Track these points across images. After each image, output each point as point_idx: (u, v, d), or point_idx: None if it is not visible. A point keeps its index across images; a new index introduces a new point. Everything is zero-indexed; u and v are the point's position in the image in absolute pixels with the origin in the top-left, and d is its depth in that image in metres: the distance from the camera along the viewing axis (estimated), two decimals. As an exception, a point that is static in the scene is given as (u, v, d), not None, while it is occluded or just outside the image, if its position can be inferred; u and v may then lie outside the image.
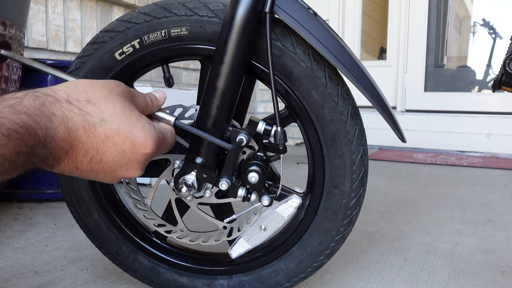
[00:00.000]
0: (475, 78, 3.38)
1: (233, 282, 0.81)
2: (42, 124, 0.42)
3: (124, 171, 0.51)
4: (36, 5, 1.86)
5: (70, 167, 0.47)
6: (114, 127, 0.48)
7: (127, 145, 0.49)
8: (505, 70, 0.83)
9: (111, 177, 0.52)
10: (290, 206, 0.74)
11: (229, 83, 0.67)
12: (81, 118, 0.46)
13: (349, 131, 0.71)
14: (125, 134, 0.49)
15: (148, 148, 0.51)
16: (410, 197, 1.74)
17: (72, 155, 0.46)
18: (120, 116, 0.49)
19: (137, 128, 0.50)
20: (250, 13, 0.64)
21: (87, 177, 0.51)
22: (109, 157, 0.48)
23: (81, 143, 0.46)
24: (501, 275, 0.98)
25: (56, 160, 0.45)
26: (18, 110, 0.41)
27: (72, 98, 0.47)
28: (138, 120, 0.51)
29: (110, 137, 0.48)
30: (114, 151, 0.48)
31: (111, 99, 0.49)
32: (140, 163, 0.52)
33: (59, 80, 1.54)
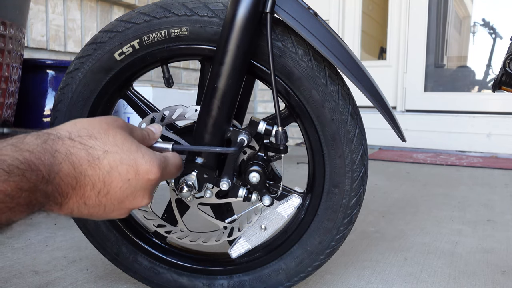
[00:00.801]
0: (475, 78, 3.38)
1: (233, 282, 0.81)
2: (45, 161, 0.42)
3: (131, 201, 0.51)
4: (36, 5, 1.86)
5: (79, 204, 0.47)
6: (117, 157, 0.49)
7: (131, 173, 0.50)
8: (505, 70, 0.83)
9: (119, 210, 0.52)
10: (291, 206, 0.74)
11: (229, 83, 0.67)
12: (85, 152, 0.47)
13: (350, 130, 0.71)
14: (128, 163, 0.49)
15: (152, 174, 0.52)
16: (410, 197, 1.74)
17: (80, 190, 0.46)
18: (122, 147, 0.50)
19: (138, 156, 0.51)
20: (251, 13, 0.64)
21: (96, 215, 0.50)
22: (116, 188, 0.49)
23: (87, 177, 0.46)
24: (501, 275, 0.98)
25: (63, 197, 0.45)
26: (20, 147, 0.41)
27: (74, 135, 0.47)
28: (139, 149, 0.52)
29: (114, 168, 0.48)
30: (120, 181, 0.49)
31: (110, 132, 0.50)
32: (146, 190, 0.52)
33: (59, 79, 1.54)
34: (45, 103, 1.47)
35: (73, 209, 0.47)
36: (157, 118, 0.74)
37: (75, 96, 0.77)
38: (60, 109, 0.78)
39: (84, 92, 0.76)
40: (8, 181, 0.38)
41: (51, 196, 0.43)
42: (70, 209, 0.47)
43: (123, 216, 0.53)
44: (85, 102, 0.77)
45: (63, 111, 0.78)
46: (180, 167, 0.61)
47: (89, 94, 0.76)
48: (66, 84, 0.77)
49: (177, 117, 0.73)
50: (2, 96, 1.09)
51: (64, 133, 0.47)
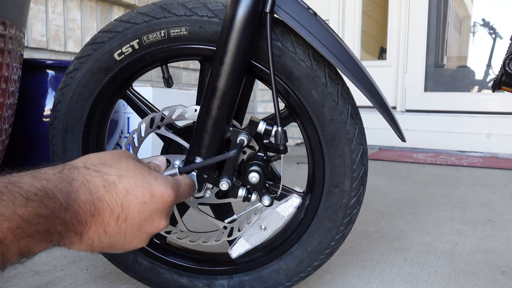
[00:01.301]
0: (475, 78, 3.38)
1: (233, 282, 0.81)
2: (63, 188, 0.43)
3: (150, 225, 0.52)
4: (36, 5, 1.86)
5: (99, 232, 0.47)
6: (132, 181, 0.50)
7: (147, 196, 0.51)
8: (505, 70, 0.83)
9: (139, 236, 0.52)
10: (290, 206, 0.74)
11: (229, 84, 0.67)
12: (101, 179, 0.48)
13: (349, 130, 0.71)
14: (143, 185, 0.51)
15: (167, 195, 0.53)
16: (410, 197, 1.74)
17: (99, 217, 0.47)
18: (134, 171, 0.51)
19: (151, 179, 0.52)
20: (251, 13, 0.64)
21: (118, 244, 0.51)
22: (134, 212, 0.50)
23: (105, 202, 0.47)
24: (501, 275, 0.98)
25: (83, 225, 0.45)
26: (37, 176, 0.42)
27: (88, 165, 0.49)
28: (151, 173, 0.53)
29: (130, 191, 0.49)
30: (137, 204, 0.50)
31: (122, 160, 0.52)
32: (163, 212, 0.53)
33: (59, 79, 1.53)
34: (45, 103, 1.47)
35: (93, 239, 0.47)
36: (156, 118, 0.74)
37: (74, 96, 0.77)
38: (59, 109, 0.78)
39: (83, 92, 0.76)
40: (26, 207, 0.38)
41: (70, 225, 0.43)
42: (90, 239, 0.47)
43: (143, 244, 0.54)
44: (85, 102, 0.77)
45: (63, 111, 0.78)
46: (193, 186, 0.63)
47: (89, 94, 0.76)
48: (65, 84, 0.77)
49: (176, 117, 0.73)
50: (2, 96, 1.09)
51: (79, 163, 0.48)
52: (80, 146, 0.79)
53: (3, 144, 1.18)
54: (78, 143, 0.79)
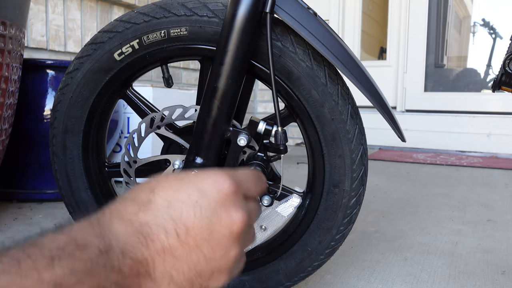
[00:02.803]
0: (475, 78, 3.38)
1: (233, 282, 0.81)
2: (93, 230, 0.35)
3: (220, 224, 0.41)
4: (36, 5, 1.86)
5: (168, 261, 0.38)
6: (169, 189, 0.42)
7: (194, 194, 0.42)
8: (505, 70, 0.83)
9: (218, 244, 0.41)
10: (290, 206, 0.74)
11: (229, 84, 0.67)
12: (133, 205, 0.40)
13: (349, 130, 0.71)
14: (183, 187, 0.42)
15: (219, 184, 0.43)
16: (410, 197, 1.74)
17: (156, 244, 0.38)
18: (167, 179, 0.43)
19: (190, 177, 0.43)
20: (251, 13, 0.64)
21: (204, 267, 0.40)
22: (190, 218, 0.40)
23: (151, 224, 0.38)
24: (501, 275, 0.98)
25: (144, 263, 0.37)
26: (60, 230, 0.34)
27: (113, 203, 0.41)
28: (187, 173, 0.45)
29: (172, 199, 0.41)
30: (188, 207, 0.41)
31: (151, 180, 0.45)
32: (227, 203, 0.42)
33: (59, 79, 1.53)
34: (45, 103, 1.47)
35: (170, 273, 0.38)
36: (156, 118, 0.74)
37: (74, 96, 0.77)
38: (59, 109, 0.78)
39: (83, 92, 0.76)
40: (53, 267, 0.30)
41: (125, 268, 0.35)
42: (166, 275, 0.38)
43: (235, 254, 0.42)
44: (85, 102, 0.77)
45: (63, 111, 0.78)
46: (258, 176, 0.49)
47: (89, 94, 0.76)
48: (65, 84, 0.77)
49: (176, 117, 0.73)
50: (2, 96, 1.09)
51: (105, 208, 0.40)
52: (80, 146, 0.79)
53: (3, 144, 1.18)
54: (78, 143, 0.79)
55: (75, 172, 0.80)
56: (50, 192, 1.53)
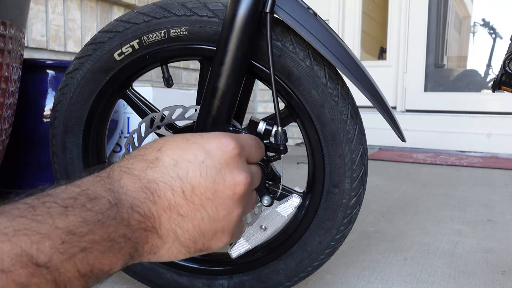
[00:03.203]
0: (475, 78, 3.38)
1: (233, 282, 0.81)
2: (103, 185, 0.36)
3: (224, 185, 0.43)
4: (36, 5, 1.86)
5: (174, 218, 0.39)
6: (176, 148, 0.43)
7: (200, 154, 0.43)
8: (505, 70, 0.83)
9: (222, 204, 0.42)
10: (290, 206, 0.74)
11: (229, 84, 0.67)
12: (141, 161, 0.41)
13: (349, 130, 0.71)
14: (190, 147, 0.43)
15: (224, 145, 0.44)
16: (410, 197, 1.74)
17: (163, 201, 0.39)
18: (175, 138, 0.45)
19: (197, 138, 0.45)
20: (251, 13, 0.64)
21: (208, 226, 0.41)
22: (196, 178, 0.41)
23: (159, 181, 0.39)
24: (501, 275, 0.98)
25: (151, 218, 0.38)
26: (72, 183, 0.36)
27: (123, 157, 0.42)
28: (194, 134, 0.46)
29: (179, 158, 0.42)
30: (194, 167, 0.41)
31: (160, 139, 0.47)
32: (231, 164, 0.44)
33: (59, 79, 1.53)
34: (45, 103, 1.47)
35: (175, 230, 0.39)
36: (156, 118, 0.74)
37: (74, 96, 0.77)
38: (59, 109, 0.78)
39: (83, 92, 0.76)
40: (66, 216, 0.31)
41: (133, 221, 0.36)
42: (171, 231, 0.39)
43: (238, 214, 0.43)
44: (85, 102, 0.77)
45: (63, 111, 0.78)
46: (258, 142, 0.50)
47: (89, 94, 0.76)
48: (65, 84, 0.77)
49: (176, 117, 0.73)
50: (2, 96, 1.09)
51: (114, 164, 0.41)
52: (80, 146, 0.79)
53: (3, 144, 1.18)
54: (78, 143, 0.79)
55: (75, 172, 0.80)
56: (50, 192, 1.52)
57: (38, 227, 0.29)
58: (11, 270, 0.27)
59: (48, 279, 0.29)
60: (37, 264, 0.28)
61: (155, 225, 0.38)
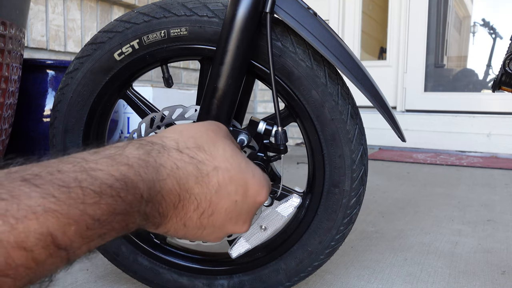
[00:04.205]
0: (475, 78, 3.38)
1: (233, 282, 0.81)
2: (147, 176, 0.36)
3: (232, 225, 0.45)
4: (36, 5, 1.86)
5: (178, 225, 0.41)
6: (227, 175, 0.43)
7: (240, 194, 0.44)
8: (505, 70, 0.83)
9: (216, 234, 0.45)
10: (290, 206, 0.74)
11: (229, 84, 0.67)
12: (193, 167, 0.41)
13: (349, 130, 0.71)
14: (238, 182, 0.44)
15: (260, 196, 0.46)
16: (410, 197, 1.74)
17: (182, 211, 0.40)
18: (232, 162, 0.44)
19: (249, 175, 0.45)
20: (251, 13, 0.64)
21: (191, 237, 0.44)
22: (221, 209, 0.43)
23: (193, 195, 0.40)
24: (501, 275, 0.98)
25: (163, 217, 0.39)
26: (117, 161, 0.35)
27: (181, 146, 0.41)
28: (248, 166, 0.46)
29: (223, 187, 0.43)
30: (228, 201, 0.43)
31: (219, 143, 0.45)
32: (250, 214, 0.47)
33: (59, 79, 1.53)
34: (45, 103, 1.47)
35: (169, 230, 0.41)
36: (156, 118, 0.74)
37: (74, 96, 0.77)
38: (60, 109, 0.78)
39: (83, 92, 0.76)
40: (99, 204, 0.31)
41: (150, 217, 0.37)
42: (166, 229, 0.41)
43: (217, 241, 0.47)
44: (85, 102, 0.77)
45: (63, 111, 0.78)
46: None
47: (89, 94, 0.76)
48: (65, 84, 0.77)
49: (176, 117, 0.73)
50: (2, 96, 1.09)
51: (170, 143, 0.41)
52: (80, 146, 0.79)
53: (3, 144, 1.18)
54: (78, 143, 0.79)
55: (75, 172, 0.80)
56: (50, 192, 1.52)
57: (69, 212, 0.30)
58: (32, 250, 0.28)
59: (64, 258, 0.30)
60: (59, 247, 0.29)
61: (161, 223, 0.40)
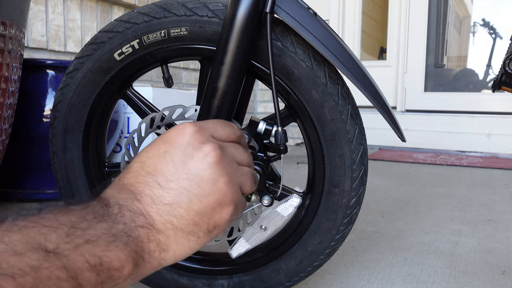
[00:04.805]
0: (475, 78, 3.38)
1: (233, 282, 0.81)
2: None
3: (193, 162, 0.43)
4: (36, 5, 1.86)
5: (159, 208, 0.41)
6: (145, 149, 0.47)
7: (161, 145, 0.45)
8: (505, 70, 0.83)
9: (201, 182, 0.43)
10: (290, 206, 0.74)
11: (229, 83, 0.67)
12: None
13: (349, 130, 0.71)
14: (153, 143, 0.47)
15: (180, 129, 0.47)
16: (410, 197, 1.74)
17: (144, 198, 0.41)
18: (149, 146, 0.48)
19: (161, 135, 0.49)
20: (251, 13, 0.64)
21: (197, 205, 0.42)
22: (164, 165, 0.43)
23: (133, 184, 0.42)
24: (501, 275, 0.98)
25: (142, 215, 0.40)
26: None
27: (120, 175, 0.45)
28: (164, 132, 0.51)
29: (146, 154, 0.45)
30: (159, 156, 0.44)
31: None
32: (192, 144, 0.45)
33: (59, 79, 1.53)
34: (45, 103, 1.47)
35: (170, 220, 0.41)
36: (156, 118, 0.74)
37: (74, 96, 0.77)
38: (60, 109, 0.78)
39: (83, 92, 0.76)
40: (67, 214, 0.35)
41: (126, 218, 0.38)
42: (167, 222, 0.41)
43: (221, 181, 0.43)
44: (85, 102, 0.77)
45: (63, 111, 0.78)
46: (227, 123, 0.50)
47: (89, 94, 0.76)
48: (65, 84, 0.77)
49: (177, 117, 0.73)
50: (2, 96, 1.09)
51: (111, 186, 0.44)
52: (80, 146, 0.79)
53: (3, 144, 1.18)
54: (78, 143, 0.79)
55: (75, 172, 0.80)
56: (50, 192, 1.53)
57: (45, 222, 0.32)
58: (23, 253, 0.29)
59: (59, 264, 0.30)
60: (46, 250, 0.30)
61: (149, 221, 0.39)
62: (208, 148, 0.44)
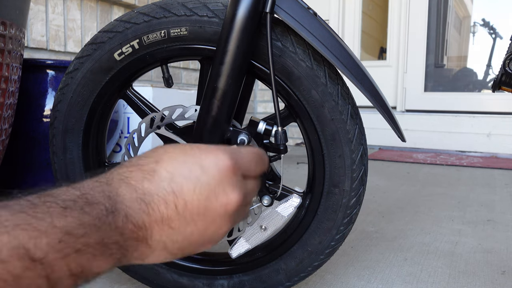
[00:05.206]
0: (475, 78, 3.38)
1: (233, 282, 0.81)
2: (102, 191, 0.37)
3: (216, 202, 0.43)
4: (36, 5, 1.86)
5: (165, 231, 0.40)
6: (173, 162, 0.44)
7: (196, 170, 0.43)
8: (505, 70, 0.83)
9: (212, 219, 0.43)
10: (290, 206, 0.74)
11: (229, 83, 0.67)
12: (139, 171, 0.41)
13: (349, 130, 0.71)
14: (186, 161, 0.44)
15: (220, 162, 0.44)
16: (410, 197, 1.74)
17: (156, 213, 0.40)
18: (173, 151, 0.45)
19: (195, 151, 0.45)
20: (251, 13, 0.64)
21: (195, 239, 0.42)
22: (190, 193, 0.41)
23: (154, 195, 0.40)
24: (501, 275, 0.98)
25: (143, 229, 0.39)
26: (73, 186, 0.37)
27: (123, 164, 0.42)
28: (192, 147, 0.46)
29: (175, 172, 0.42)
30: (189, 182, 0.42)
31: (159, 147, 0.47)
32: (226, 183, 0.44)
33: (59, 79, 1.53)
34: (45, 103, 1.47)
35: (164, 241, 0.40)
36: (156, 118, 0.74)
37: (74, 96, 0.77)
38: (60, 109, 0.78)
39: (83, 92, 0.76)
40: (65, 216, 0.32)
41: (126, 230, 0.37)
42: (160, 242, 0.40)
43: (225, 229, 0.44)
44: (85, 102, 0.77)
45: (63, 111, 0.78)
46: (257, 155, 0.49)
47: (89, 94, 0.76)
48: (65, 84, 0.77)
49: (176, 117, 0.74)
50: (2, 96, 1.09)
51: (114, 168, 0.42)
52: (80, 146, 0.79)
53: (3, 144, 1.18)
54: (78, 143, 0.79)
55: (75, 172, 0.80)
56: (50, 192, 1.52)
57: (37, 224, 0.31)
58: (7, 261, 0.28)
59: (41, 274, 0.30)
60: (33, 259, 0.29)
61: (146, 236, 0.39)
62: (233, 197, 0.43)
